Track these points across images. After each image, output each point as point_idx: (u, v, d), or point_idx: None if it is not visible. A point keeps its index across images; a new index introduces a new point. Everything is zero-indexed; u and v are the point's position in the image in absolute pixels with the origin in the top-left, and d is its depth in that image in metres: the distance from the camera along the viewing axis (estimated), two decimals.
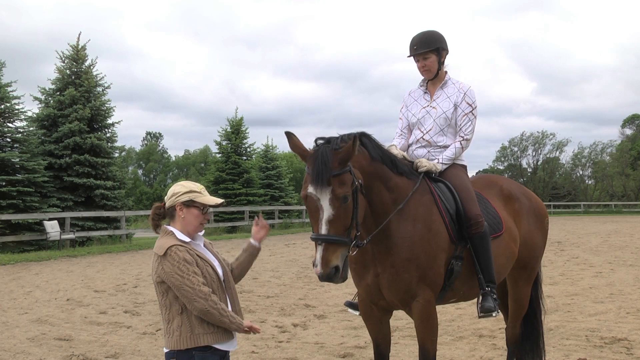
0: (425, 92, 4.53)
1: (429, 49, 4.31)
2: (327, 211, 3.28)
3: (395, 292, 3.80)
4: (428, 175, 4.19)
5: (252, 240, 3.55)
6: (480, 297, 4.12)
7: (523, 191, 4.94)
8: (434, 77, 4.45)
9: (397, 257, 3.74)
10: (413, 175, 4.00)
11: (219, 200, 3.27)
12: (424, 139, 4.42)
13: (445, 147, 4.38)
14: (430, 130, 4.39)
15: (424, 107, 4.46)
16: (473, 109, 4.38)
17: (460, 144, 4.36)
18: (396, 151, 4.26)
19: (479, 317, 4.13)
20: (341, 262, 3.28)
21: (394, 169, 3.84)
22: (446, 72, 4.48)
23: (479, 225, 4.00)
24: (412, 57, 4.42)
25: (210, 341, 3.11)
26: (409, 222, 3.80)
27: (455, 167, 4.34)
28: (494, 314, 4.04)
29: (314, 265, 3.27)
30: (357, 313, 4.28)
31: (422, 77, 4.55)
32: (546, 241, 5.06)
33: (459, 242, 4.00)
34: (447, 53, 4.44)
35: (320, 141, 3.47)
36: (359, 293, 4.15)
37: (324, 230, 3.27)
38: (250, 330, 3.24)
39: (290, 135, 3.47)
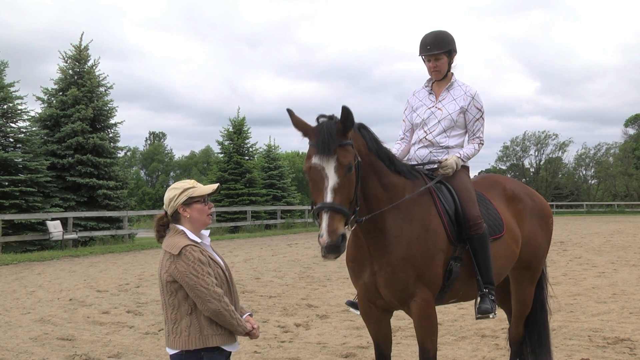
0: (430, 93, 4.52)
1: (441, 50, 4.31)
2: (332, 179, 3.28)
3: (392, 291, 3.79)
4: (428, 176, 4.19)
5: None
6: (478, 299, 4.10)
7: (527, 191, 4.92)
8: (441, 79, 4.45)
9: (393, 256, 3.72)
10: (411, 175, 3.98)
11: (215, 186, 3.29)
12: (426, 139, 4.42)
13: (448, 147, 4.39)
14: (434, 130, 4.39)
15: (429, 108, 4.46)
16: (482, 114, 4.46)
17: (479, 145, 4.47)
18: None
19: (477, 318, 4.11)
20: (347, 232, 3.27)
21: (391, 166, 3.82)
22: (452, 73, 4.49)
23: (478, 226, 3.98)
24: (420, 56, 4.42)
25: (219, 342, 3.11)
26: (406, 221, 3.79)
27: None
28: (491, 316, 4.02)
29: (319, 236, 3.20)
30: (359, 312, 4.27)
31: (428, 77, 4.56)
32: (550, 241, 5.03)
33: (458, 243, 3.98)
34: (456, 55, 4.45)
35: (323, 118, 3.48)
36: (358, 292, 4.14)
37: (329, 198, 3.24)
38: (249, 335, 3.24)
39: (291, 113, 3.52)
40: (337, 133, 3.35)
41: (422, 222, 3.83)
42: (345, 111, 3.36)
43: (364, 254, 3.85)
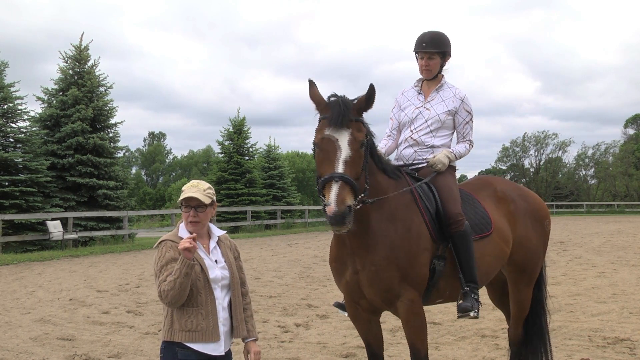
0: (419, 93, 4.53)
1: (436, 50, 4.33)
2: (344, 151, 3.29)
3: (376, 291, 3.75)
4: (411, 176, 4.19)
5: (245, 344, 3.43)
6: (460, 297, 4.05)
7: (520, 193, 4.85)
8: (431, 79, 4.47)
9: (377, 256, 3.68)
10: (395, 175, 3.96)
11: (185, 195, 3.21)
12: (412, 138, 4.41)
13: (433, 147, 4.38)
14: (420, 130, 4.40)
15: (417, 108, 4.46)
16: (472, 116, 4.50)
17: (470, 146, 4.52)
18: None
19: (458, 317, 4.06)
20: (353, 205, 3.21)
21: (378, 164, 3.82)
22: (443, 75, 4.50)
23: (459, 224, 3.95)
24: (414, 53, 4.43)
25: (182, 339, 3.13)
26: (390, 221, 3.76)
27: None
28: (471, 314, 3.96)
29: (326, 205, 3.16)
30: (346, 314, 4.24)
31: (418, 77, 4.57)
32: (547, 243, 4.97)
33: (441, 241, 3.96)
34: (449, 58, 4.46)
35: (333, 98, 3.50)
36: (342, 292, 4.10)
37: (340, 169, 3.24)
38: (187, 249, 3.03)
39: (312, 83, 3.54)
40: (353, 108, 3.41)
41: (404, 222, 3.81)
42: (372, 89, 3.43)
43: (346, 251, 3.81)
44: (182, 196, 3.24)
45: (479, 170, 79.17)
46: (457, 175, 4.68)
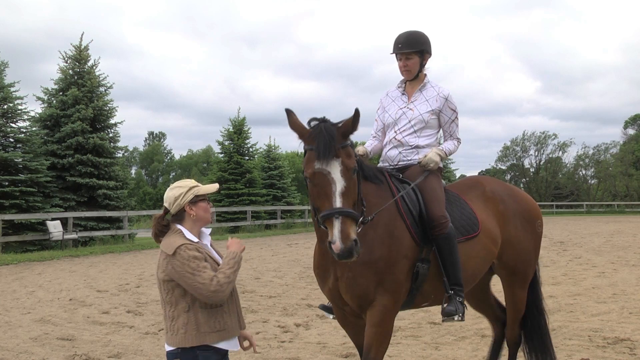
0: (402, 94, 4.51)
1: (412, 50, 4.30)
2: (339, 183, 3.20)
3: (352, 297, 3.69)
4: (394, 177, 4.15)
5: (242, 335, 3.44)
6: (445, 301, 3.99)
7: (510, 193, 4.78)
8: (413, 79, 4.45)
9: (355, 262, 3.56)
10: (377, 179, 3.90)
11: (217, 185, 3.41)
12: (396, 139, 4.39)
13: (418, 147, 4.36)
14: (404, 130, 4.37)
15: (400, 108, 4.44)
16: (457, 114, 4.47)
17: (458, 142, 4.52)
18: (362, 150, 4.31)
19: (442, 321, 4.01)
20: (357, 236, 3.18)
21: (359, 171, 3.73)
22: (425, 74, 4.48)
23: (442, 226, 3.88)
24: (394, 55, 4.41)
25: (215, 339, 3.12)
26: (369, 226, 3.68)
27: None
28: (456, 318, 3.91)
29: (331, 242, 3.10)
30: (332, 317, 4.21)
31: (402, 78, 4.55)
32: (539, 244, 4.90)
33: (425, 244, 3.89)
34: (429, 56, 4.43)
35: (315, 122, 3.41)
36: (327, 298, 4.07)
37: (339, 203, 3.15)
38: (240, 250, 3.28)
39: (290, 113, 3.45)
40: (338, 135, 3.30)
41: (385, 227, 3.75)
42: (357, 114, 3.33)
43: (328, 259, 3.71)
44: (204, 191, 3.28)
45: (479, 170, 79.23)
46: (457, 175, 4.68)
